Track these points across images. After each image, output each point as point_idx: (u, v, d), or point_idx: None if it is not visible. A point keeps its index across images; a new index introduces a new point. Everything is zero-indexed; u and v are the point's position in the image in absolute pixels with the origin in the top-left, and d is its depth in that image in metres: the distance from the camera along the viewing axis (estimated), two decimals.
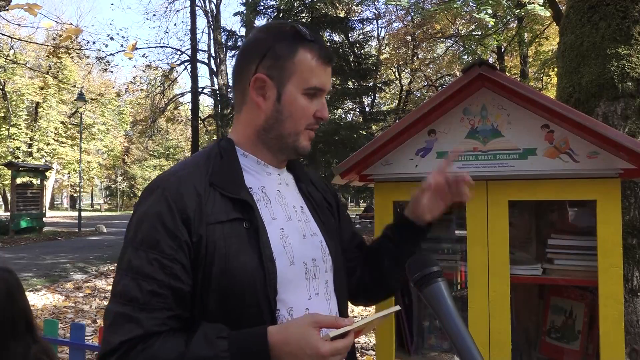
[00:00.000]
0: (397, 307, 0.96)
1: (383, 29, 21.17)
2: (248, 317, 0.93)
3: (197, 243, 0.94)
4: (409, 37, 19.45)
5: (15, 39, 19.45)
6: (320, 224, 1.13)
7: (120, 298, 0.92)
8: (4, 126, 27.93)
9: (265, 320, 0.94)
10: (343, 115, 15.56)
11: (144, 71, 23.67)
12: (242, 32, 14.54)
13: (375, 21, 19.45)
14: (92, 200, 58.28)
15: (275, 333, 0.87)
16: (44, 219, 17.73)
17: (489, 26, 11.88)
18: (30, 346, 1.29)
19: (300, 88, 1.02)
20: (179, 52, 22.57)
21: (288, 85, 1.02)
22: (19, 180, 16.55)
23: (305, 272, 1.03)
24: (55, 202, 49.07)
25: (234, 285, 0.94)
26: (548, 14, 7.44)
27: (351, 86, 12.01)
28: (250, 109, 1.07)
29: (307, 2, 11.00)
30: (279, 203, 1.07)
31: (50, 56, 24.59)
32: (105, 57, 18.33)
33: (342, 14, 14.54)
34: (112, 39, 22.71)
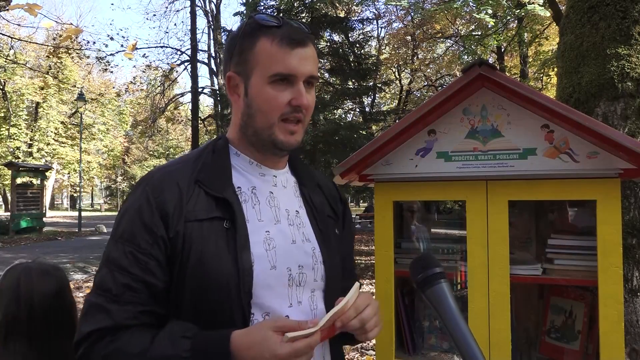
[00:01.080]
0: (356, 285, 0.94)
1: (383, 29, 21.19)
2: (220, 319, 0.92)
3: (173, 239, 0.93)
4: (409, 37, 19.45)
5: (15, 39, 19.45)
6: (317, 230, 1.07)
7: (96, 288, 0.93)
8: (4, 126, 27.93)
9: (237, 323, 0.91)
10: (343, 115, 15.56)
11: (144, 71, 23.68)
12: None
13: (375, 21, 19.46)
14: (92, 200, 58.29)
15: (238, 337, 0.86)
16: (44, 219, 17.73)
17: (489, 26, 11.89)
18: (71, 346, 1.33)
19: (265, 77, 0.97)
20: (179, 52, 22.58)
21: (252, 78, 0.99)
22: (19, 180, 16.54)
23: (288, 279, 0.99)
24: (55, 202, 49.08)
25: (207, 285, 0.92)
26: (548, 14, 7.44)
27: (351, 86, 12.00)
28: (233, 108, 1.07)
29: (307, 2, 10.98)
30: (270, 205, 1.03)
31: (50, 56, 24.62)
32: (105, 57, 18.35)
33: (342, 14, 14.54)
34: (112, 39, 22.76)
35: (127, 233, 0.94)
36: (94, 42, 41.06)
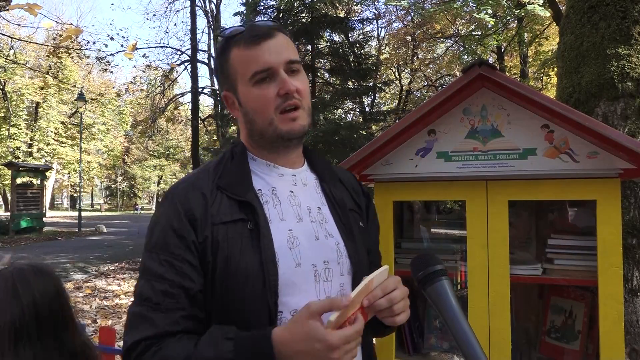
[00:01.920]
0: (385, 267, 0.93)
1: (383, 29, 21.17)
2: (248, 318, 0.93)
3: (203, 243, 0.96)
4: (409, 37, 19.44)
5: (15, 39, 19.46)
6: (340, 225, 1.08)
7: (136, 299, 0.96)
8: (4, 126, 27.94)
9: (264, 322, 0.93)
10: (343, 115, 15.55)
11: (144, 71, 23.64)
12: None
13: (375, 21, 19.44)
14: (92, 200, 58.28)
15: (280, 333, 0.86)
16: (44, 219, 17.73)
17: (489, 26, 11.89)
18: (75, 337, 1.35)
19: (247, 82, 1.01)
20: (179, 52, 22.55)
21: (238, 87, 1.04)
22: (19, 180, 16.55)
23: (314, 275, 1.00)
24: (55, 202, 49.08)
25: (234, 286, 0.94)
26: (548, 14, 7.44)
27: (351, 86, 12.00)
28: (238, 123, 1.12)
29: (307, 2, 10.98)
30: (291, 204, 1.05)
31: (50, 56, 24.62)
32: (105, 57, 18.33)
33: (342, 14, 14.54)
34: (112, 39, 22.64)
35: (160, 242, 0.97)
36: (94, 42, 41.08)
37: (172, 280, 0.94)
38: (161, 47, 23.14)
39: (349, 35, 12.55)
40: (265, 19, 1.18)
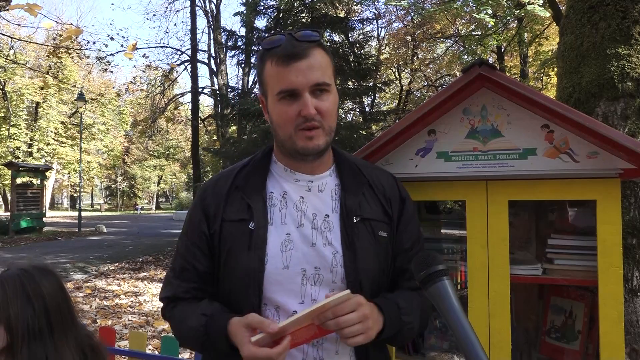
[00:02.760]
0: (345, 292, 0.96)
1: (383, 29, 21.15)
2: (241, 304, 1.08)
3: (212, 235, 1.13)
4: (409, 37, 19.43)
5: (15, 39, 19.45)
6: (345, 235, 1.10)
7: (171, 266, 1.22)
8: (4, 126, 27.94)
9: (253, 310, 1.05)
10: (343, 115, 15.55)
11: (144, 71, 23.65)
12: (242, 32, 14.55)
13: (375, 21, 19.42)
14: (92, 200, 58.28)
15: (233, 324, 1.03)
16: (44, 219, 17.73)
17: (489, 26, 11.88)
18: (80, 331, 1.41)
19: (274, 96, 1.08)
20: (179, 52, 22.55)
21: (268, 97, 1.11)
22: (19, 180, 16.55)
23: (302, 278, 1.08)
24: (55, 202, 49.08)
25: (231, 276, 1.10)
26: (548, 14, 7.44)
27: (351, 86, 11.99)
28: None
29: (307, 2, 10.97)
30: (297, 209, 1.12)
31: (50, 56, 24.60)
32: (105, 57, 18.34)
33: (342, 14, 14.52)
34: (112, 39, 22.72)
35: (185, 227, 1.21)
36: (94, 42, 41.08)
37: (188, 259, 1.16)
38: (161, 47, 23.22)
39: (349, 35, 12.54)
40: (306, 30, 1.18)
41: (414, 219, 1.25)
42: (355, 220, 1.12)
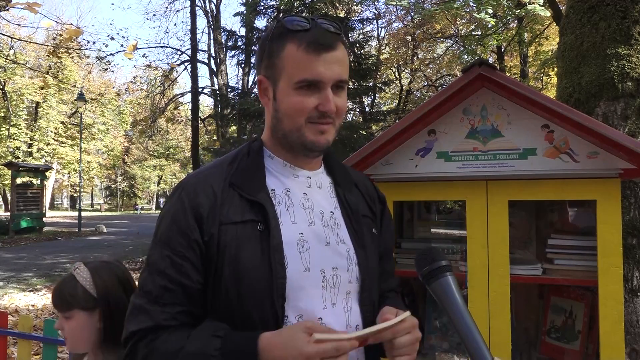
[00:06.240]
0: (407, 313, 0.93)
1: (383, 29, 21.14)
2: (254, 320, 0.93)
3: (208, 242, 0.95)
4: (409, 37, 19.42)
5: (15, 39, 19.45)
6: (352, 231, 1.06)
7: (139, 290, 0.98)
8: (4, 126, 27.93)
9: (270, 325, 0.92)
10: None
11: (144, 71, 23.66)
12: (242, 32, 14.55)
13: (375, 21, 19.42)
14: (92, 200, 58.25)
15: (267, 338, 0.87)
16: (44, 219, 17.72)
17: (489, 26, 11.88)
18: None
19: (291, 84, 0.97)
20: (179, 52, 22.53)
21: (280, 83, 0.99)
22: (19, 180, 16.54)
23: (322, 280, 0.99)
24: (55, 202, 49.06)
25: (241, 287, 0.94)
26: (548, 14, 7.43)
27: (351, 86, 12.02)
28: (265, 111, 1.07)
29: (307, 2, 11.00)
30: (303, 207, 1.03)
31: (50, 56, 24.57)
32: (106, 57, 18.33)
33: (342, 14, 14.53)
34: (112, 39, 22.68)
35: (164, 237, 0.98)
36: (94, 42, 41.05)
37: (172, 276, 0.94)
38: (161, 47, 23.17)
39: (349, 35, 12.55)
40: (328, 22, 1.12)
41: (391, 220, 1.24)
42: (358, 217, 1.08)
